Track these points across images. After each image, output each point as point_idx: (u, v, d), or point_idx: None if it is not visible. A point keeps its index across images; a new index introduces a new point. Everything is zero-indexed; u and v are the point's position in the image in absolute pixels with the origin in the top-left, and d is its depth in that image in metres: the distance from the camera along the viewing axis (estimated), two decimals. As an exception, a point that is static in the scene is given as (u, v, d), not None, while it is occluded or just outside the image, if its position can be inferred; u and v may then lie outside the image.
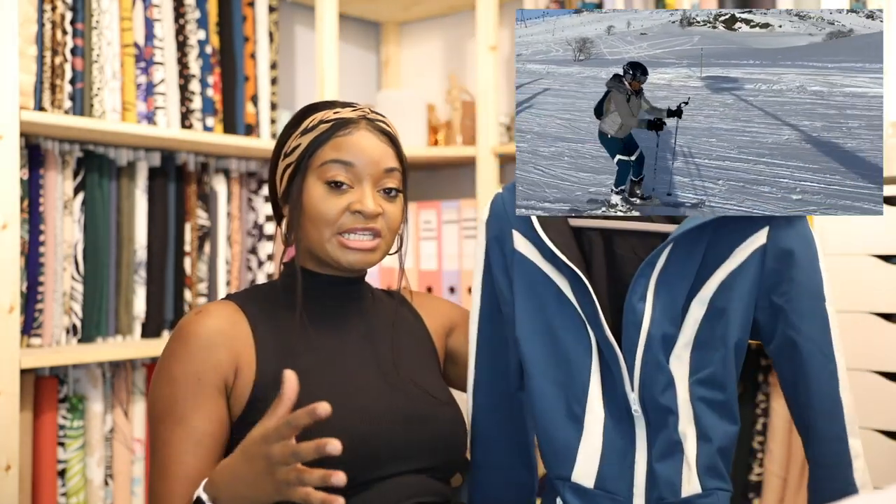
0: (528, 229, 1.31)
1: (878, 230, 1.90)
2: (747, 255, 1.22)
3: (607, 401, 1.25)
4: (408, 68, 3.18)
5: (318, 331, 1.31)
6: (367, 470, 1.22)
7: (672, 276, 1.22)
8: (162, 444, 1.21)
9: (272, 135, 2.59)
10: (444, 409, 1.32)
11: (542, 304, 1.29)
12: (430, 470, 1.29)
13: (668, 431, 1.22)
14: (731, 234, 1.23)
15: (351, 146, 1.28)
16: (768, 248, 1.22)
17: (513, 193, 1.34)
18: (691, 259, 1.22)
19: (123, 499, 2.23)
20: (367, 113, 1.32)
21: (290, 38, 2.91)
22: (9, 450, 1.89)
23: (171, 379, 1.23)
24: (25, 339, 2.10)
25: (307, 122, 1.31)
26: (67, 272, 2.17)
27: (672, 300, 1.22)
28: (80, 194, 2.20)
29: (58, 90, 2.10)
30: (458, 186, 2.94)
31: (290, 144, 1.31)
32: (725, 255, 1.23)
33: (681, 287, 1.23)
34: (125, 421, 2.24)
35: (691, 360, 1.23)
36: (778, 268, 1.23)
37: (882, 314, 1.89)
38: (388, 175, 1.30)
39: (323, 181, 1.27)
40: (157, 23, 2.31)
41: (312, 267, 1.33)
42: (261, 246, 2.59)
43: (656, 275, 1.22)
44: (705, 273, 1.24)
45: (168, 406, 1.22)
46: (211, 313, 1.27)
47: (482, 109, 2.63)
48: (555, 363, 1.28)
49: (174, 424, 1.20)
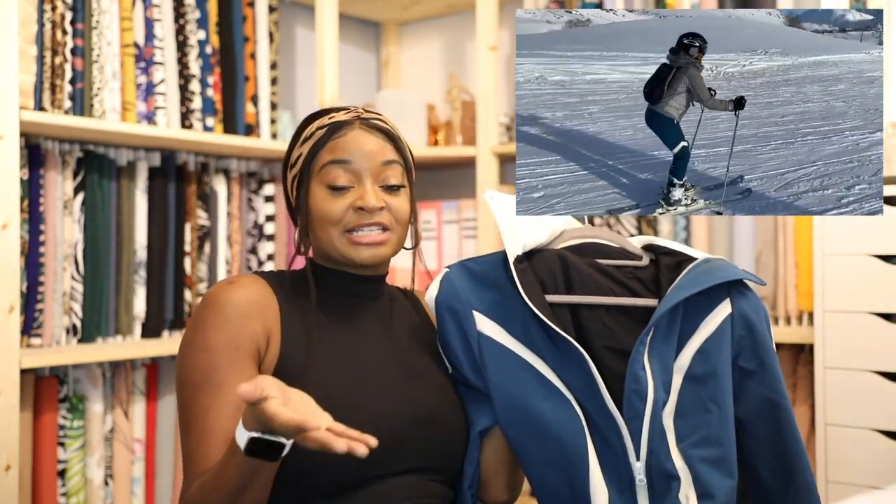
0: (492, 309, 1.29)
1: (878, 230, 1.90)
2: (719, 323, 1.26)
3: (607, 473, 1.23)
4: (408, 68, 3.18)
5: (334, 326, 1.32)
6: (369, 467, 1.22)
7: (659, 346, 1.24)
8: (202, 410, 1.20)
9: (272, 135, 2.59)
10: (451, 412, 1.32)
11: (522, 389, 1.26)
12: (431, 471, 1.29)
13: (671, 497, 1.21)
14: (699, 306, 1.26)
15: (346, 145, 1.30)
16: (734, 316, 1.27)
17: (463, 271, 1.32)
18: (672, 329, 1.25)
19: (123, 499, 2.23)
20: (361, 113, 1.34)
21: (290, 38, 2.91)
22: (9, 450, 1.89)
23: (207, 347, 1.23)
24: (25, 339, 2.10)
25: (306, 131, 1.34)
26: (67, 272, 2.17)
27: (664, 367, 1.24)
28: (80, 194, 2.20)
29: (58, 90, 2.10)
30: (458, 186, 2.93)
31: (293, 155, 1.35)
32: (697, 325, 1.26)
33: (668, 354, 1.25)
34: (125, 421, 2.24)
35: (675, 426, 1.24)
36: (744, 334, 1.27)
37: (882, 314, 1.89)
38: (388, 168, 1.31)
39: (325, 185, 1.29)
40: (157, 23, 2.31)
41: (330, 266, 1.35)
42: (261, 246, 2.59)
43: (647, 344, 1.23)
44: (681, 342, 1.26)
45: (206, 374, 1.22)
46: (244, 284, 1.29)
47: (482, 109, 2.63)
48: (548, 447, 1.25)
49: (214, 391, 1.20)
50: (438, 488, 1.30)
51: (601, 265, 1.33)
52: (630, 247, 1.37)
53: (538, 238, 1.34)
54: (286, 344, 1.27)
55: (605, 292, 1.30)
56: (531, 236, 1.33)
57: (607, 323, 1.28)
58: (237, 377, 1.21)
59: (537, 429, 1.25)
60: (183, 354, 1.26)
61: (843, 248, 1.93)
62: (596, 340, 1.27)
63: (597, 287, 1.30)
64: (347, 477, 1.21)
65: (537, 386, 1.26)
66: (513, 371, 1.27)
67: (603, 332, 1.28)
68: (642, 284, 1.31)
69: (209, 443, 1.18)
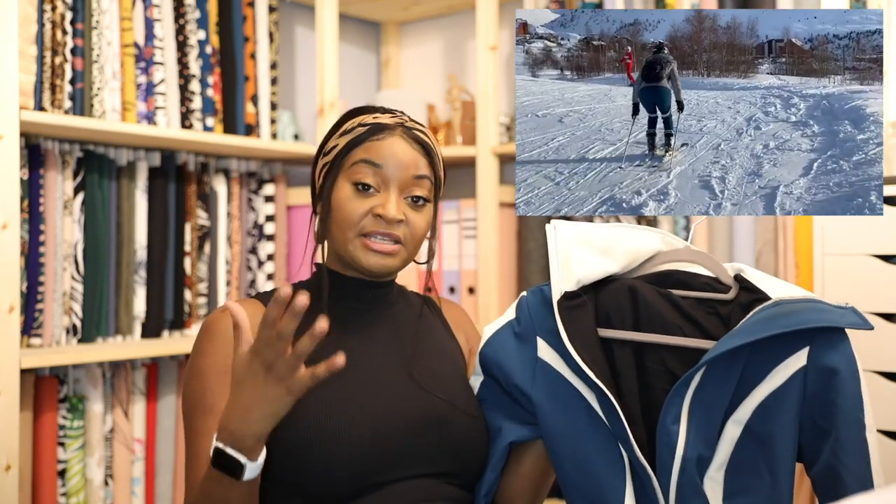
0: (553, 338, 1.25)
1: (878, 230, 1.90)
2: (787, 377, 1.14)
3: None
4: (408, 68, 3.18)
5: (343, 332, 1.31)
6: (379, 472, 1.22)
7: (708, 396, 1.15)
8: (195, 434, 1.23)
9: (272, 135, 2.59)
10: (460, 418, 1.31)
11: (571, 419, 1.23)
12: (445, 475, 1.28)
13: None
14: (769, 353, 1.15)
15: (382, 149, 1.29)
16: (809, 369, 1.13)
17: (537, 297, 1.30)
18: (728, 379, 1.15)
19: (123, 499, 2.23)
20: (406, 121, 1.34)
21: (290, 38, 2.91)
22: (9, 450, 1.89)
23: (199, 372, 1.25)
24: (25, 339, 2.10)
25: (347, 124, 1.34)
26: (67, 272, 2.17)
27: (707, 421, 1.15)
28: (80, 194, 2.20)
29: (58, 90, 2.10)
30: (458, 186, 2.93)
31: (329, 144, 1.35)
32: (763, 375, 1.15)
33: (717, 407, 1.15)
34: (125, 421, 2.24)
35: (725, 482, 1.16)
36: (820, 391, 1.13)
37: (882, 314, 1.89)
38: (417, 183, 1.30)
39: (351, 182, 1.29)
40: (157, 23, 2.31)
41: (339, 269, 1.35)
42: (261, 246, 2.59)
43: (690, 394, 1.15)
44: (742, 392, 1.16)
45: (198, 398, 1.24)
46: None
47: (482, 109, 2.63)
48: (587, 482, 1.22)
49: (204, 415, 1.22)
50: (453, 491, 1.29)
51: (675, 298, 1.25)
52: (724, 276, 1.26)
53: (604, 269, 1.28)
54: None
55: (671, 330, 1.22)
56: (592, 269, 1.27)
57: (669, 364, 1.22)
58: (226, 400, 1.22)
59: (580, 461, 1.22)
60: (184, 382, 1.29)
61: (843, 248, 1.93)
62: (657, 383, 1.22)
63: (663, 324, 1.22)
64: (356, 482, 1.21)
65: (587, 420, 1.22)
66: (564, 401, 1.24)
67: (663, 374, 1.22)
68: (721, 322, 1.22)
69: (200, 464, 1.20)
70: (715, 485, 1.16)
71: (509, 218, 2.65)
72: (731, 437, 1.16)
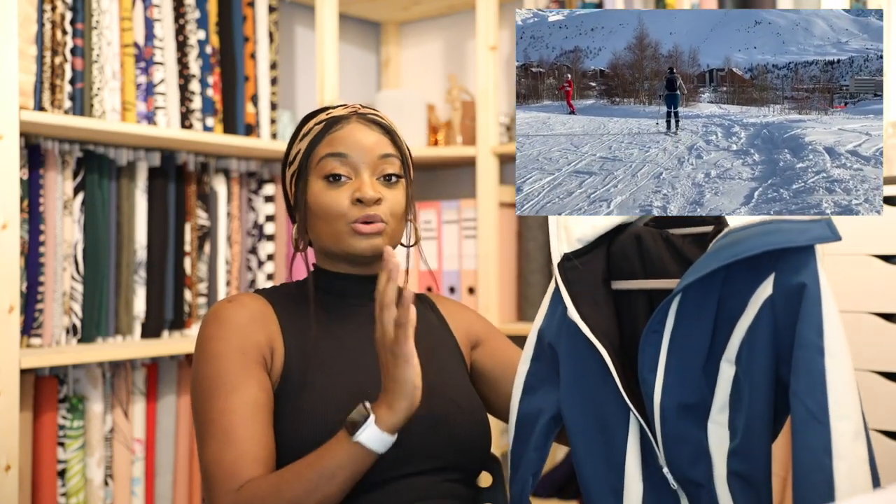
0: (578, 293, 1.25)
1: (878, 230, 1.90)
2: (758, 309, 1.09)
3: (649, 475, 1.18)
4: (408, 68, 3.18)
5: (342, 329, 1.32)
6: (378, 469, 1.22)
7: (684, 341, 1.13)
8: (219, 413, 1.21)
9: (272, 135, 2.59)
10: (459, 414, 1.32)
11: (584, 372, 1.24)
12: (446, 471, 1.29)
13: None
14: (739, 285, 1.11)
15: (343, 139, 1.32)
16: (775, 297, 1.08)
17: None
18: (701, 321, 1.12)
19: (123, 499, 2.23)
20: (358, 108, 1.36)
21: (290, 38, 2.91)
22: (9, 450, 1.89)
23: (215, 356, 1.25)
24: (25, 339, 2.10)
25: (304, 128, 1.37)
26: (67, 272, 2.17)
27: (687, 367, 1.13)
28: (80, 194, 2.20)
29: (58, 90, 2.10)
30: (458, 186, 2.94)
31: (292, 153, 1.37)
32: (741, 310, 1.11)
33: (695, 351, 1.13)
34: (125, 421, 2.24)
35: (731, 424, 1.13)
36: (787, 318, 1.07)
37: (882, 314, 1.89)
38: (385, 161, 1.32)
39: (322, 177, 1.31)
40: (157, 23, 2.31)
41: (331, 267, 1.36)
42: (261, 246, 2.59)
43: (667, 342, 1.14)
44: (726, 330, 1.12)
45: (217, 379, 1.23)
46: (243, 302, 1.32)
47: (482, 109, 2.63)
48: (594, 433, 1.22)
49: (228, 393, 1.22)
50: (456, 488, 1.29)
51: (674, 239, 1.23)
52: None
53: (604, 223, 1.28)
54: (290, 353, 1.28)
55: (672, 273, 1.21)
56: (591, 226, 1.27)
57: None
58: (249, 379, 1.22)
59: (589, 414, 1.23)
60: (194, 370, 1.28)
61: (843, 248, 1.93)
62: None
63: (664, 268, 1.22)
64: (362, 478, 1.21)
65: (599, 374, 1.22)
66: (581, 355, 1.24)
67: None
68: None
69: (235, 442, 1.19)
70: (720, 428, 1.13)
71: (509, 218, 2.65)
72: (727, 377, 1.12)
